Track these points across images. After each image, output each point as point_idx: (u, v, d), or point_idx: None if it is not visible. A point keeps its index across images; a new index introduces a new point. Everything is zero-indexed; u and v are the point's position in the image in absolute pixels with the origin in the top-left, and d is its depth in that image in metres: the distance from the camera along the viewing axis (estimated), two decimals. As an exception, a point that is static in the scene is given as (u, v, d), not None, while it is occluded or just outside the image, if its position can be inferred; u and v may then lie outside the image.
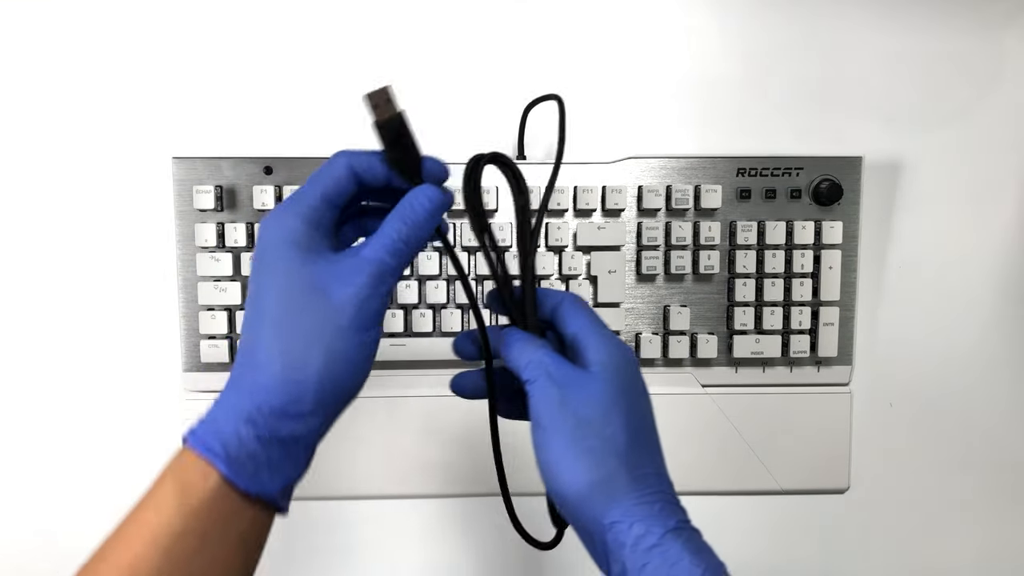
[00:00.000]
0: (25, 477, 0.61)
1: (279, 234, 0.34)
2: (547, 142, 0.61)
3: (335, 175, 0.36)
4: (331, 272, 0.34)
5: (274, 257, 0.34)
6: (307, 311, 0.33)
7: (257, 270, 0.34)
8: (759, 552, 0.63)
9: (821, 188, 0.57)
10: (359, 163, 0.36)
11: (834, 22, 0.61)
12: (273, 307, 0.33)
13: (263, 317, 0.33)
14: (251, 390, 0.33)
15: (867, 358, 0.62)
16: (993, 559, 0.64)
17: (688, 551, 0.33)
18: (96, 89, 0.59)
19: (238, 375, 0.34)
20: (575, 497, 0.36)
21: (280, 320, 0.33)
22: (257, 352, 0.33)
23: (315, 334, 0.33)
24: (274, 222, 0.34)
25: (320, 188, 0.35)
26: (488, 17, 0.60)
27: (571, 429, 0.36)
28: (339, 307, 0.33)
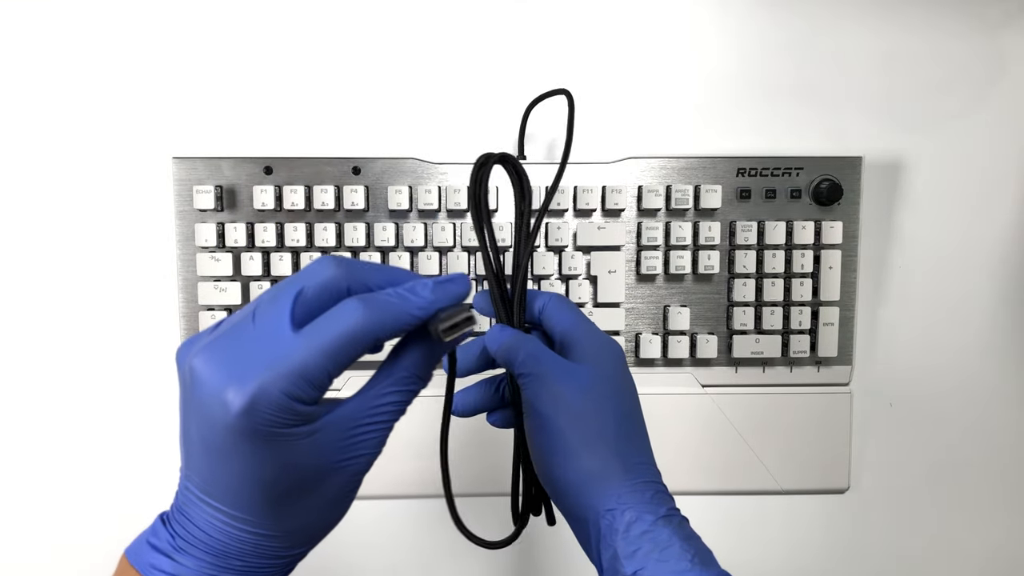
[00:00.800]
0: (25, 477, 0.61)
1: (270, 413, 0.27)
2: (546, 142, 0.61)
3: (356, 343, 0.28)
4: (336, 449, 0.30)
5: (265, 438, 0.27)
6: (308, 493, 0.30)
7: (240, 440, 0.27)
8: (759, 552, 0.63)
9: (821, 188, 0.57)
10: (386, 331, 0.29)
11: (834, 22, 0.61)
12: (270, 487, 0.29)
13: (258, 492, 0.29)
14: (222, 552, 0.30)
15: (867, 358, 0.62)
16: (993, 559, 0.64)
17: (679, 537, 0.35)
18: (96, 89, 0.59)
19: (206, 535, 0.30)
20: (569, 486, 0.37)
21: (279, 500, 0.30)
22: (244, 511, 0.30)
23: (313, 511, 0.31)
24: (264, 393, 0.27)
25: (331, 358, 0.28)
26: (488, 17, 0.60)
27: (565, 419, 0.37)
28: (348, 484, 0.31)
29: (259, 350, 0.28)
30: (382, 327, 0.29)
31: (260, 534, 0.30)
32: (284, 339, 0.28)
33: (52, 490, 0.61)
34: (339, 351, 0.28)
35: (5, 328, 0.60)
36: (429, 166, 0.57)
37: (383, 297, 0.29)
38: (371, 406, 0.31)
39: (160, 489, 0.61)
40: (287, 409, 0.27)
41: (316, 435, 0.29)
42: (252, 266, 0.56)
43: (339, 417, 0.30)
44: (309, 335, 0.28)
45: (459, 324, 0.31)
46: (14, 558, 0.61)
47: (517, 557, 0.63)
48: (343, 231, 0.57)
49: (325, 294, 0.29)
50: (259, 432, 0.27)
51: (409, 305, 0.30)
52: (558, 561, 0.63)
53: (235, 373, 0.27)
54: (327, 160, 0.57)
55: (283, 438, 0.28)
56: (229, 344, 0.28)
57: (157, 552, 0.30)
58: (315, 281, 0.29)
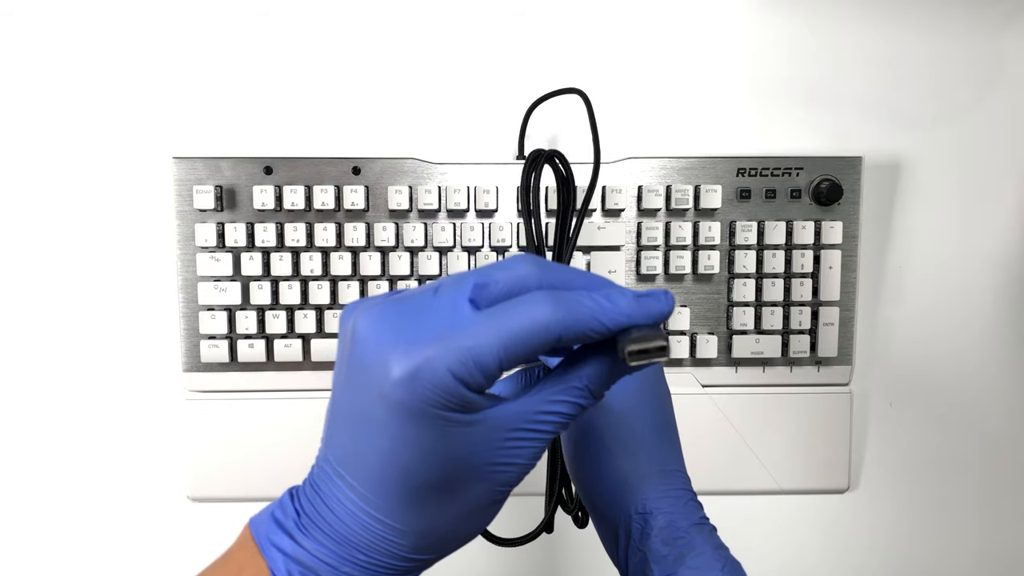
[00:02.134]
0: (25, 477, 0.61)
1: (431, 390, 0.25)
2: (546, 142, 0.61)
3: (537, 336, 0.26)
4: (491, 450, 0.28)
5: (419, 416, 0.26)
6: (448, 493, 0.28)
7: (392, 412, 0.26)
8: (759, 552, 0.63)
9: (821, 188, 0.57)
10: (571, 332, 0.26)
11: (834, 22, 0.61)
12: (411, 475, 0.27)
13: (407, 482, 0.27)
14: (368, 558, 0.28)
15: (867, 358, 0.62)
16: (993, 559, 0.64)
17: (710, 545, 0.35)
18: (96, 89, 0.59)
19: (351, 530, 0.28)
20: (602, 487, 0.37)
21: (416, 492, 0.28)
22: (387, 514, 0.28)
23: (449, 514, 0.29)
24: (430, 367, 0.25)
25: (507, 347, 0.26)
26: (488, 17, 0.60)
27: (603, 420, 0.37)
28: (493, 495, 0.29)
29: (434, 323, 0.26)
30: (567, 327, 0.26)
31: (389, 525, 0.28)
32: (463, 317, 0.26)
33: (52, 489, 0.61)
34: (517, 341, 0.25)
35: (5, 328, 0.60)
36: (429, 166, 0.57)
37: (575, 296, 0.27)
38: (536, 411, 0.28)
39: (160, 490, 0.61)
40: (450, 390, 0.25)
41: (472, 428, 0.26)
42: (252, 266, 0.56)
43: (501, 414, 0.27)
44: (490, 317, 0.26)
45: (650, 352, 0.27)
46: (15, 558, 0.61)
47: (518, 557, 0.63)
48: (343, 231, 0.57)
49: (514, 287, 0.27)
50: (414, 408, 0.25)
51: (601, 312, 0.27)
52: (579, 563, 0.63)
53: (403, 339, 0.25)
54: (327, 160, 0.57)
55: (438, 422, 0.26)
56: (404, 310, 0.26)
57: (279, 529, 0.29)
58: (506, 273, 0.27)
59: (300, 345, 0.57)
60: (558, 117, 0.60)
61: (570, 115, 0.60)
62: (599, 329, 0.26)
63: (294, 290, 0.57)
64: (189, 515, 0.60)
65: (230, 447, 0.58)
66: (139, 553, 0.61)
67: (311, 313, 0.57)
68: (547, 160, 0.42)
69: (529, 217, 0.42)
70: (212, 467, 0.58)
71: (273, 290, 0.57)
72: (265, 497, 0.59)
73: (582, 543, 0.62)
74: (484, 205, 0.57)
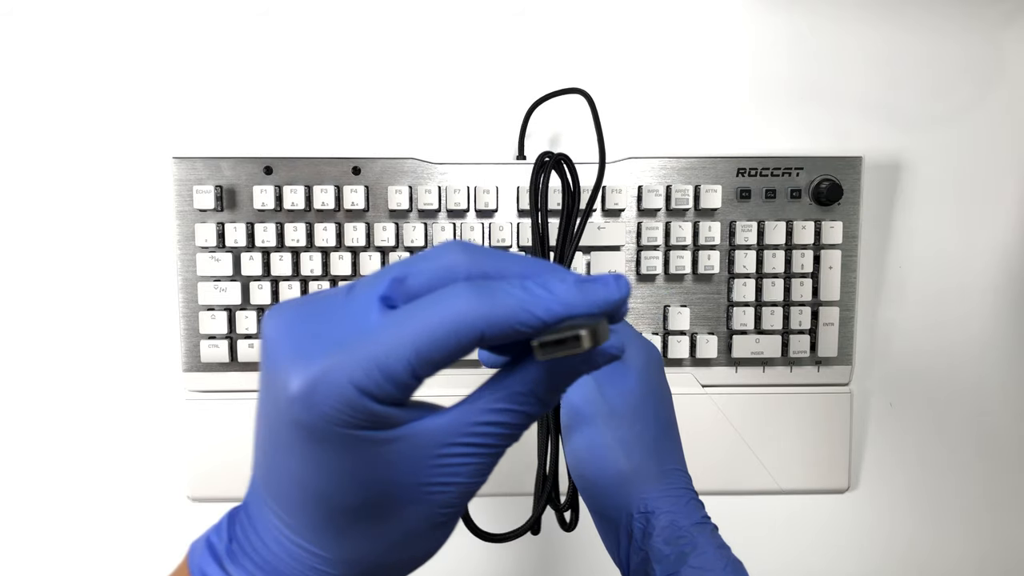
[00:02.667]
0: (25, 476, 0.61)
1: (333, 406, 0.22)
2: (546, 141, 0.61)
3: (454, 336, 0.22)
4: (420, 470, 0.24)
5: (324, 437, 0.23)
6: (378, 518, 0.25)
7: (296, 433, 0.23)
8: (759, 552, 0.63)
9: (821, 188, 0.57)
10: (495, 328, 0.23)
11: (834, 22, 0.61)
12: (329, 500, 0.24)
13: (327, 509, 0.24)
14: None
15: (867, 358, 0.62)
16: (993, 559, 0.64)
17: (712, 545, 0.35)
18: (96, 89, 0.59)
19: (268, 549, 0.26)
20: (603, 486, 0.37)
21: (340, 519, 0.25)
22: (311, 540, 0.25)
23: (383, 541, 0.26)
24: (328, 380, 0.22)
25: (420, 351, 0.22)
26: (488, 17, 0.60)
27: (604, 419, 0.37)
28: (433, 518, 0.26)
29: (340, 328, 0.23)
30: (492, 323, 0.22)
31: (315, 555, 0.25)
32: (368, 320, 0.22)
33: (51, 490, 0.61)
34: (432, 343, 0.22)
35: (5, 328, 0.60)
36: (429, 166, 0.57)
37: (502, 287, 0.23)
38: (473, 422, 0.24)
39: (160, 490, 0.61)
40: (355, 405, 0.22)
41: (393, 446, 0.23)
42: (252, 266, 0.56)
43: (429, 429, 0.24)
44: (396, 320, 0.22)
45: (564, 343, 0.22)
46: (14, 559, 0.61)
47: (518, 557, 0.63)
48: (343, 231, 0.57)
49: (436, 279, 0.23)
50: (316, 428, 0.22)
51: (534, 302, 0.23)
52: (562, 560, 0.63)
53: (303, 350, 0.22)
54: (327, 160, 0.57)
55: (347, 441, 0.22)
56: (311, 314, 0.23)
57: (211, 557, 0.26)
58: (430, 263, 0.24)
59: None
60: (559, 117, 0.61)
61: (571, 115, 0.60)
62: (531, 322, 0.22)
63: (294, 290, 0.57)
64: (189, 515, 0.60)
65: (230, 447, 0.58)
66: (139, 553, 0.61)
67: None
68: (554, 166, 0.43)
69: (537, 217, 0.42)
70: (212, 467, 0.58)
71: (273, 290, 0.57)
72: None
73: (578, 543, 0.62)
74: (484, 205, 0.57)
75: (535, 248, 0.43)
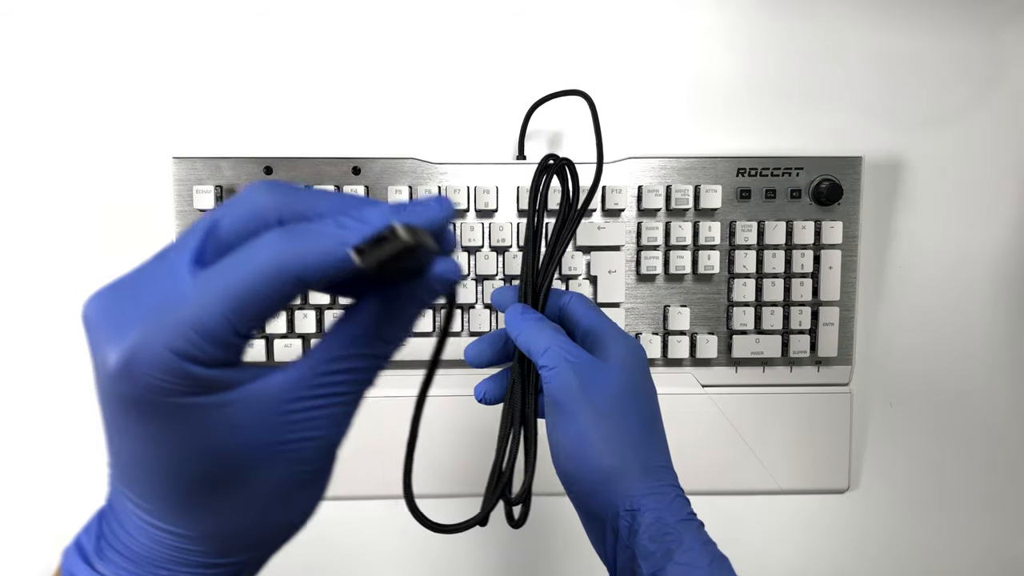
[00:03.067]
0: (25, 476, 0.61)
1: (155, 375, 0.21)
2: (546, 141, 0.61)
3: (269, 285, 0.21)
4: (266, 429, 0.23)
5: (155, 409, 0.22)
6: (233, 486, 0.24)
7: (126, 409, 0.22)
8: (759, 552, 0.63)
9: (821, 188, 0.57)
10: (311, 270, 0.22)
11: (834, 22, 0.61)
12: (176, 476, 0.23)
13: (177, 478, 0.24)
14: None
15: (867, 358, 0.62)
16: (993, 559, 0.64)
17: (698, 541, 0.35)
18: (97, 89, 0.59)
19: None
20: (589, 483, 0.37)
21: (192, 493, 0.24)
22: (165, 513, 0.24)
23: (244, 510, 0.25)
24: (145, 349, 0.21)
25: (236, 307, 0.21)
26: (488, 17, 0.60)
27: (589, 416, 0.37)
28: (294, 477, 0.25)
29: (153, 295, 0.22)
30: (307, 265, 0.21)
31: (177, 534, 0.24)
32: (180, 282, 0.22)
33: (52, 489, 0.61)
34: (248, 295, 0.21)
35: (5, 328, 0.60)
36: (429, 166, 0.57)
37: (313, 227, 0.22)
38: (317, 374, 0.24)
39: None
40: (177, 371, 0.21)
41: (233, 409, 0.22)
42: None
43: (269, 387, 0.23)
44: (209, 277, 0.21)
45: (382, 242, 0.21)
46: (14, 560, 0.61)
47: (520, 557, 0.63)
48: (343, 231, 0.57)
49: (247, 228, 0.23)
50: (143, 401, 0.21)
51: (347, 235, 0.22)
52: (564, 560, 0.63)
53: (117, 323, 0.21)
54: (327, 160, 0.57)
55: (180, 411, 0.21)
56: (124, 288, 0.23)
57: (80, 558, 0.25)
58: (237, 211, 0.23)
59: (300, 345, 0.57)
60: (559, 116, 0.61)
61: (571, 114, 0.60)
62: (346, 258, 0.21)
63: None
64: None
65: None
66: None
67: (311, 313, 0.57)
68: (557, 170, 0.43)
69: (533, 218, 0.43)
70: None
71: (273, 290, 0.57)
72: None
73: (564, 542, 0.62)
74: (484, 205, 0.57)
75: (527, 247, 0.43)
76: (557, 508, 0.62)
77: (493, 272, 0.57)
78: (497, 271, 0.57)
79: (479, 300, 0.58)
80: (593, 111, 0.51)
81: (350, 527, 0.62)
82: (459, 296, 0.57)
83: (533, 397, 0.41)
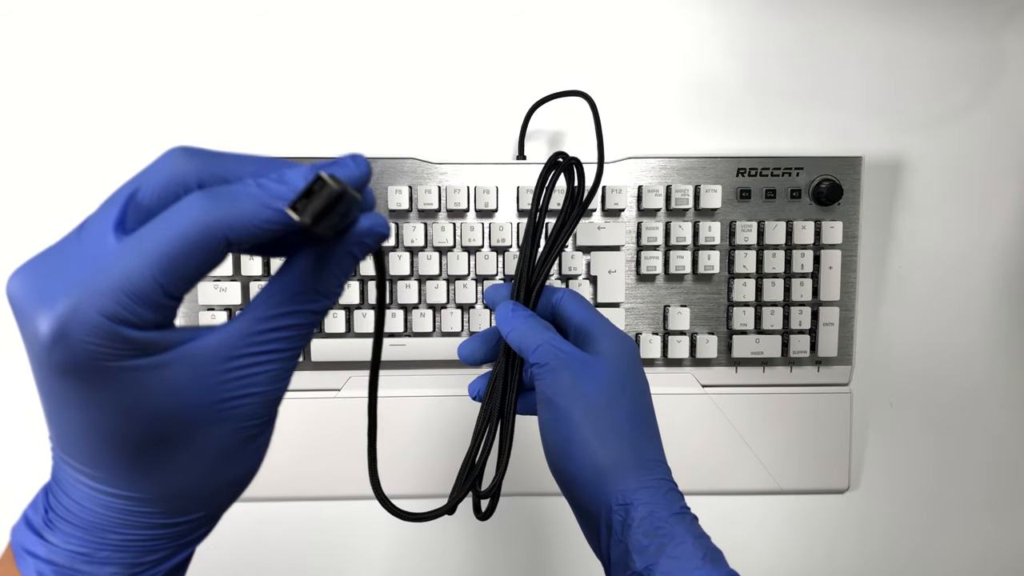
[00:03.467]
0: (24, 476, 0.61)
1: (89, 341, 0.21)
2: (546, 142, 0.61)
3: (195, 245, 0.22)
4: (206, 388, 0.24)
5: (93, 374, 0.22)
6: (177, 446, 0.24)
7: (63, 378, 0.22)
8: (759, 552, 0.63)
9: (821, 188, 0.57)
10: (236, 230, 0.23)
11: (834, 22, 0.61)
12: (120, 439, 0.24)
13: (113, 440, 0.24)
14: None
15: (867, 358, 0.62)
16: (993, 559, 0.64)
17: (691, 535, 0.35)
18: (97, 89, 0.59)
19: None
20: (581, 479, 0.37)
21: (137, 455, 0.24)
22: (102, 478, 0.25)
23: (190, 469, 0.25)
24: (77, 315, 0.21)
25: (164, 268, 0.22)
26: (488, 17, 0.60)
27: (580, 412, 0.37)
28: (239, 433, 0.25)
29: (78, 264, 0.22)
30: (232, 226, 0.22)
31: (128, 497, 0.25)
32: (105, 248, 0.22)
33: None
34: (175, 257, 0.22)
35: (5, 328, 0.60)
36: (429, 166, 0.57)
37: (235, 188, 0.23)
38: (254, 331, 0.24)
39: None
40: (111, 334, 0.21)
41: (169, 369, 0.23)
42: (252, 266, 0.56)
43: (205, 346, 0.23)
44: (135, 241, 0.22)
45: (312, 194, 0.22)
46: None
47: (521, 557, 0.63)
48: (343, 231, 0.57)
49: (168, 193, 0.23)
50: (80, 367, 0.21)
51: (271, 196, 0.22)
52: (566, 561, 0.63)
53: (45, 293, 0.22)
54: (327, 160, 0.57)
55: (119, 374, 0.22)
56: (48, 260, 0.23)
57: (30, 531, 0.26)
58: (155, 177, 0.23)
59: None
60: (559, 116, 0.61)
61: (571, 114, 0.60)
62: (274, 217, 0.22)
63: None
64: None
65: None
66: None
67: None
68: (565, 169, 0.43)
69: (535, 216, 0.43)
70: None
71: (273, 290, 0.57)
72: (263, 496, 0.59)
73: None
74: (484, 205, 0.57)
75: (526, 243, 0.43)
76: (557, 508, 0.62)
77: (493, 272, 0.57)
78: (497, 271, 0.57)
79: (478, 300, 0.58)
80: (595, 112, 0.51)
81: (349, 527, 0.61)
82: (388, 260, 0.56)
83: (514, 393, 0.42)
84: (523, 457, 0.58)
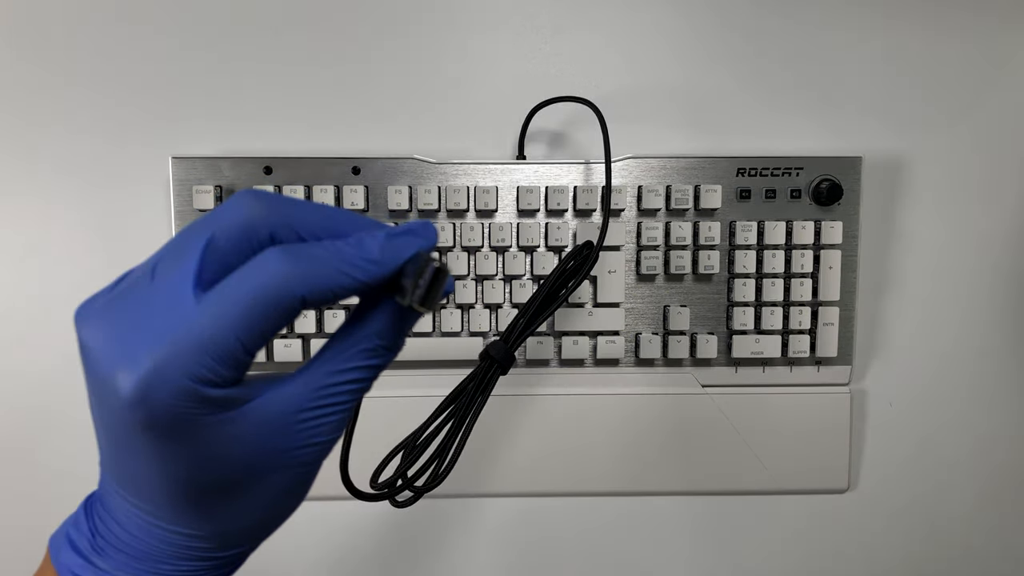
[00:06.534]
0: (24, 476, 0.61)
1: (171, 401, 0.22)
2: (546, 141, 0.61)
3: (276, 307, 0.22)
4: (275, 440, 0.25)
5: (170, 429, 0.22)
6: (240, 492, 0.25)
7: (139, 431, 0.22)
8: (759, 552, 0.63)
9: (821, 188, 0.57)
10: (316, 293, 0.23)
11: (834, 22, 0.61)
12: (188, 486, 0.24)
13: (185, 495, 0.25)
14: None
15: (867, 358, 0.62)
16: (993, 560, 0.64)
17: None
18: (97, 89, 0.59)
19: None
20: None
21: (202, 500, 0.25)
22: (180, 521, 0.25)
23: (249, 511, 0.26)
24: (162, 376, 0.22)
25: (246, 328, 0.22)
26: (487, 17, 0.60)
27: None
28: (295, 479, 0.26)
29: (156, 318, 0.22)
30: (311, 288, 0.22)
31: (186, 534, 0.25)
32: (186, 306, 0.22)
33: (52, 489, 0.61)
34: (257, 318, 0.22)
35: (5, 328, 0.60)
36: (429, 166, 0.57)
37: (315, 251, 0.23)
38: (323, 385, 0.25)
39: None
40: (193, 395, 0.22)
41: (241, 423, 0.23)
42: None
43: (276, 401, 0.24)
44: (216, 301, 0.22)
45: (433, 286, 0.23)
46: (13, 561, 0.61)
47: (521, 557, 0.63)
48: (343, 231, 0.57)
49: (242, 242, 0.23)
50: (159, 424, 0.22)
51: (348, 263, 0.23)
52: (568, 561, 0.63)
53: (127, 349, 0.22)
54: (327, 160, 0.57)
55: (195, 429, 0.22)
56: (123, 309, 0.23)
57: (75, 553, 0.26)
58: (228, 224, 0.23)
59: (300, 345, 0.57)
60: (559, 117, 0.61)
61: (572, 114, 0.60)
62: (349, 284, 0.23)
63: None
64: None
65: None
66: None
67: (311, 313, 0.57)
68: (584, 257, 0.50)
69: (547, 286, 0.48)
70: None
71: (273, 290, 0.57)
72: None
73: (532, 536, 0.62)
74: (484, 205, 0.57)
75: (533, 296, 0.47)
76: (557, 508, 0.62)
77: (493, 272, 0.57)
78: (497, 271, 0.57)
79: (478, 300, 0.58)
80: (600, 119, 0.51)
81: (346, 527, 0.61)
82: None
83: (483, 398, 0.44)
84: (523, 457, 0.58)
